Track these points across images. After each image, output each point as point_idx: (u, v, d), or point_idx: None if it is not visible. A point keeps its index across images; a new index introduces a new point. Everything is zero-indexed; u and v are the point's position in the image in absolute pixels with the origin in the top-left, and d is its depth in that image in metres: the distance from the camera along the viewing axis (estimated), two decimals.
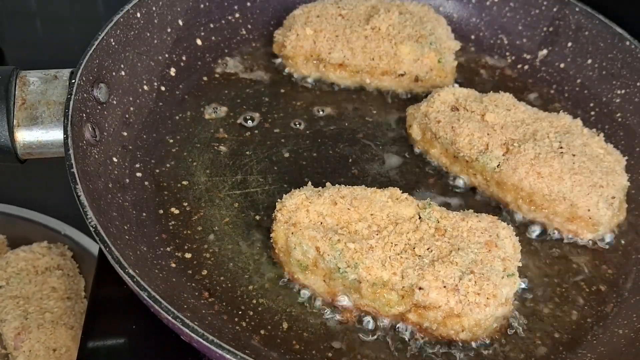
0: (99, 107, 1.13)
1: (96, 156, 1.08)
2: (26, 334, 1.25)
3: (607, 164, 1.15)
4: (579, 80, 1.41)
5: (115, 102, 1.17)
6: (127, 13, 1.21)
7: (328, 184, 1.09)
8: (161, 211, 1.13)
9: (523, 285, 1.07)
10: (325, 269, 1.00)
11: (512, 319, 1.03)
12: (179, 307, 0.91)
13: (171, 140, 1.24)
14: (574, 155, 1.13)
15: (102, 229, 0.93)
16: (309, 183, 1.10)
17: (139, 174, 1.16)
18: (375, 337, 1.00)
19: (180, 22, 1.34)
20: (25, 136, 1.08)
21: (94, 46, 1.12)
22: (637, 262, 1.14)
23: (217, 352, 0.84)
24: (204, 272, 1.06)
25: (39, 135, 1.08)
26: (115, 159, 1.13)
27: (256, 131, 1.28)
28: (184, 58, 1.34)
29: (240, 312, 1.01)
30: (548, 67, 1.44)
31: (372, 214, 1.02)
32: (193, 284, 1.04)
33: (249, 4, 1.44)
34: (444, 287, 0.95)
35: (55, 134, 1.07)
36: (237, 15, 1.43)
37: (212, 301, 1.02)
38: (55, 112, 1.08)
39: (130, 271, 0.90)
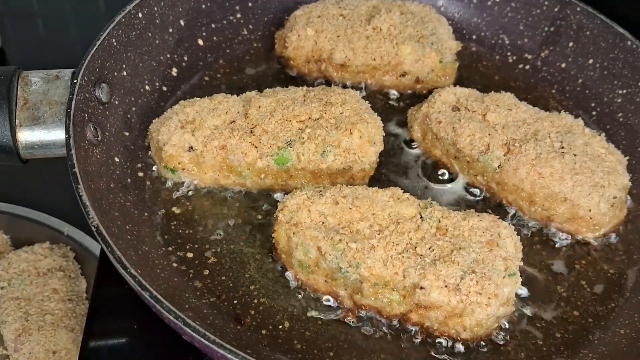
0: (101, 107, 1.13)
1: (98, 156, 1.08)
2: (26, 336, 1.25)
3: (608, 163, 1.14)
4: (580, 80, 1.41)
5: (117, 102, 1.17)
6: (128, 13, 1.21)
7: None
8: (163, 211, 1.13)
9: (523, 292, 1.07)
10: (327, 268, 1.00)
11: (513, 318, 1.03)
12: (181, 306, 0.91)
13: None
14: (575, 155, 1.13)
15: (103, 228, 0.93)
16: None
17: (140, 174, 1.16)
18: (377, 337, 1.00)
19: (182, 22, 1.34)
20: (27, 136, 1.08)
21: (96, 46, 1.13)
22: (638, 261, 1.14)
23: (219, 351, 0.84)
24: (206, 272, 1.06)
25: (40, 136, 1.08)
26: (117, 159, 1.13)
27: None
28: (185, 58, 1.34)
29: (241, 312, 1.01)
30: (549, 67, 1.44)
31: (373, 214, 1.02)
32: (194, 284, 1.04)
33: (250, 4, 1.44)
34: (446, 286, 0.95)
35: (57, 134, 1.07)
36: (238, 15, 1.43)
37: (214, 301, 1.02)
38: (57, 112, 1.08)
39: (132, 271, 0.90)
